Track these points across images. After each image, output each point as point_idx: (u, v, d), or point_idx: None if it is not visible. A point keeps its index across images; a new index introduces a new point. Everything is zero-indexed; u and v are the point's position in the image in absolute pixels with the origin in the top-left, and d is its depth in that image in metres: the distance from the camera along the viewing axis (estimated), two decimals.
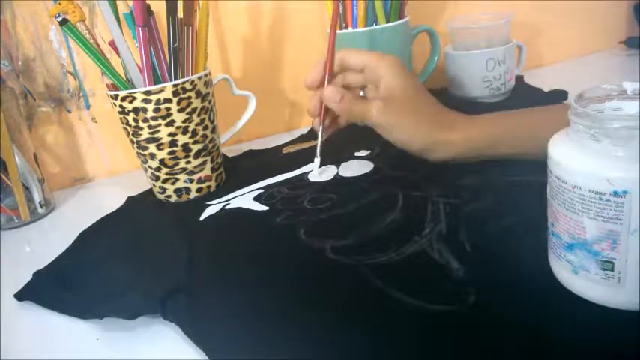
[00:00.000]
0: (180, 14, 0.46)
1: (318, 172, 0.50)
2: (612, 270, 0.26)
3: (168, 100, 0.46)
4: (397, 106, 0.43)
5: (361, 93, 0.48)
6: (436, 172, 0.46)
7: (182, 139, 0.48)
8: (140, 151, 0.49)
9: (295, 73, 0.71)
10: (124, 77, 0.48)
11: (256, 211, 0.45)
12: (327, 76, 0.46)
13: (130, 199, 0.53)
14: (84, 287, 0.39)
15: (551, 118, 0.38)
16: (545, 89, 0.64)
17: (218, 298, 0.34)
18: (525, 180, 0.41)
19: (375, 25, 0.59)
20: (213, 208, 0.47)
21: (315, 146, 0.48)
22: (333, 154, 0.55)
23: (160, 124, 0.46)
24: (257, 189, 0.50)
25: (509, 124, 0.43)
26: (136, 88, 0.47)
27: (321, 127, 0.48)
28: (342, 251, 0.36)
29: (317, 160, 0.49)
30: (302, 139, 0.64)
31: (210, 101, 0.50)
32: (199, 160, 0.50)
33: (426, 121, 0.43)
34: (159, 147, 0.48)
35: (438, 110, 0.44)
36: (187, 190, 0.50)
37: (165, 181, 0.50)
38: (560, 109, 0.43)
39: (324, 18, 0.69)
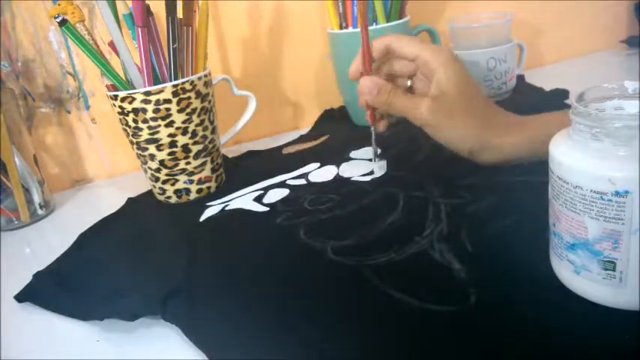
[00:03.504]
0: (179, 14, 0.46)
1: (377, 170, 0.49)
2: (614, 270, 0.25)
3: (168, 101, 0.46)
4: (449, 105, 0.41)
5: (408, 82, 0.45)
6: (437, 172, 0.46)
7: (182, 140, 0.48)
8: (140, 151, 0.48)
9: (295, 73, 0.70)
10: (123, 78, 0.48)
11: (256, 211, 0.45)
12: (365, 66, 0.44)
13: (129, 201, 0.53)
14: (84, 289, 0.39)
15: None
16: (547, 89, 0.64)
17: (218, 299, 0.34)
18: (526, 180, 0.41)
19: (375, 24, 0.59)
20: (213, 209, 0.47)
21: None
22: (334, 154, 0.55)
23: (159, 125, 0.46)
24: (257, 189, 0.50)
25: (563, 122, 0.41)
26: (135, 88, 0.47)
27: (372, 127, 0.46)
28: (342, 252, 0.36)
29: (375, 162, 0.49)
30: (302, 139, 0.64)
31: (210, 102, 0.50)
32: (199, 161, 0.50)
33: (477, 123, 0.41)
34: (158, 148, 0.47)
35: (492, 112, 0.42)
36: (187, 191, 0.50)
37: (165, 182, 0.50)
38: None
39: (324, 18, 0.69)
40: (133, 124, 0.47)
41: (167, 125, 0.47)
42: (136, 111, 0.46)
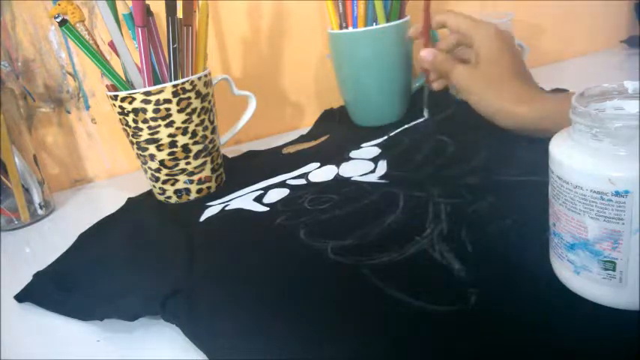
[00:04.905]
0: (179, 14, 0.46)
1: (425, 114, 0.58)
2: (614, 270, 0.25)
3: (168, 101, 0.46)
4: (476, 71, 0.47)
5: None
6: (437, 172, 0.46)
7: (182, 140, 0.48)
8: (140, 151, 0.48)
9: (295, 73, 0.70)
10: (123, 78, 0.48)
11: (256, 211, 0.45)
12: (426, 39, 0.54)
13: (129, 200, 0.53)
14: (84, 289, 0.39)
15: None
16: (547, 89, 0.63)
17: (218, 299, 0.34)
18: (527, 180, 0.41)
19: (375, 24, 0.59)
20: (213, 209, 0.47)
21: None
22: (334, 154, 0.55)
23: (159, 125, 0.46)
24: (257, 189, 0.50)
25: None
26: (135, 88, 0.47)
27: (424, 81, 0.56)
28: (342, 252, 0.36)
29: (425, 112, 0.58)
30: (302, 139, 0.64)
31: (210, 102, 0.50)
32: (199, 161, 0.50)
33: (498, 90, 0.45)
34: (158, 148, 0.47)
35: (517, 82, 0.46)
36: (187, 191, 0.50)
37: (165, 182, 0.50)
38: None
39: (324, 18, 0.69)
40: (133, 124, 0.47)
41: (167, 125, 0.47)
42: (136, 111, 0.46)
